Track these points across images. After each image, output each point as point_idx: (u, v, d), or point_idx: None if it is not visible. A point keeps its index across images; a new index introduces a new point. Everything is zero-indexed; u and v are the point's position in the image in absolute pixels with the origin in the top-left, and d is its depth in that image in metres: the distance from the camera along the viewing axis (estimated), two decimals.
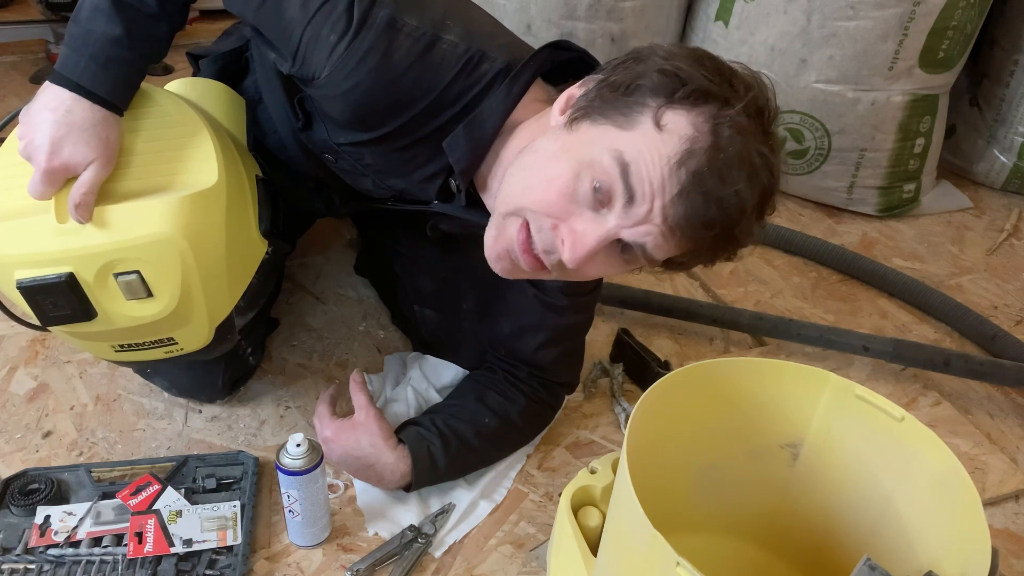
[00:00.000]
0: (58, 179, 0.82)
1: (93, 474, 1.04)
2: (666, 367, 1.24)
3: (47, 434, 1.13)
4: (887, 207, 1.78)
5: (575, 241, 0.77)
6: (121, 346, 0.92)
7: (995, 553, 0.65)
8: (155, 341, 0.92)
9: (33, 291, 0.83)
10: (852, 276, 1.57)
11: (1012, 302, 1.55)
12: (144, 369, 1.17)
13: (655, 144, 0.73)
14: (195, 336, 0.94)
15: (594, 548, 0.84)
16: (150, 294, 0.85)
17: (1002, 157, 1.87)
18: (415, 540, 0.99)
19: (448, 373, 1.22)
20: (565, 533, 0.87)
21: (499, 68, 0.86)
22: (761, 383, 0.85)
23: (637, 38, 1.66)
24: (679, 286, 1.54)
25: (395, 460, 1.00)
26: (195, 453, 1.09)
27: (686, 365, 0.82)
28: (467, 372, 1.20)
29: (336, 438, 1.01)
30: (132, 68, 0.86)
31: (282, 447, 0.92)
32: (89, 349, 0.97)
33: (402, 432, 1.03)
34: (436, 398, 1.19)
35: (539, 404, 1.12)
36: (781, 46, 1.63)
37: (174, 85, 1.06)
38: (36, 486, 1.01)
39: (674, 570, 0.61)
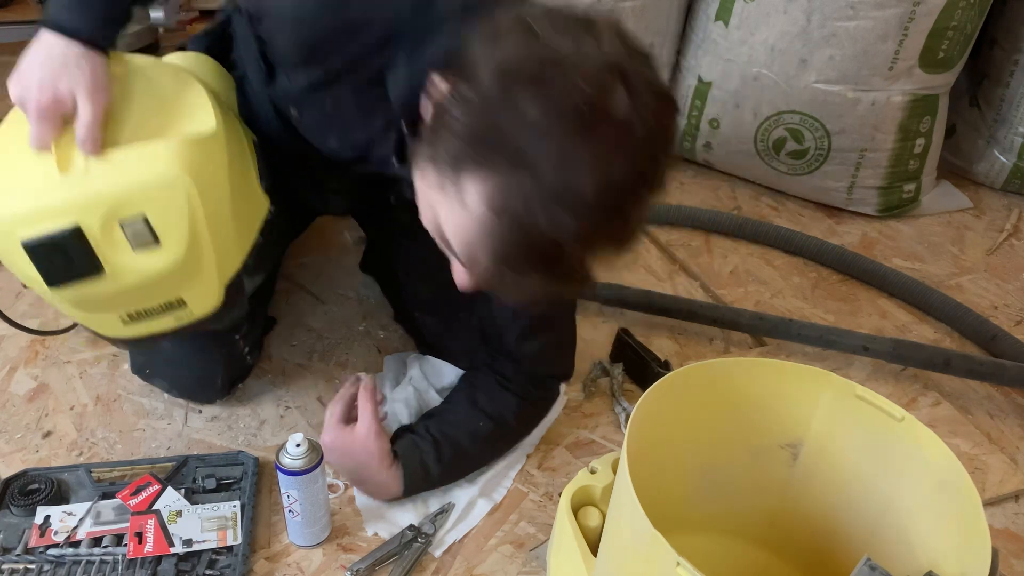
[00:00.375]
0: (52, 117, 0.79)
1: (93, 474, 1.04)
2: (666, 367, 1.24)
3: (47, 434, 1.13)
4: (887, 207, 1.78)
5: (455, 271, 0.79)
6: (130, 315, 0.87)
7: (995, 553, 0.65)
8: (165, 305, 0.88)
9: (40, 249, 0.79)
10: (852, 276, 1.57)
11: (1012, 302, 1.55)
12: (144, 370, 1.17)
13: (460, 217, 0.70)
14: (205, 295, 0.90)
15: (594, 548, 0.84)
16: (157, 242, 0.82)
17: (1002, 157, 1.87)
18: (415, 540, 0.99)
19: (449, 373, 1.22)
20: (565, 533, 0.87)
21: (463, 3, 0.81)
22: (761, 383, 0.85)
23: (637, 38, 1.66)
24: (679, 286, 1.54)
25: (387, 479, 1.01)
26: (195, 453, 1.09)
27: (686, 365, 0.82)
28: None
29: (334, 445, 1.01)
30: (111, 5, 0.86)
31: (282, 447, 0.92)
32: (98, 325, 0.91)
33: (397, 442, 1.02)
34: (436, 398, 1.19)
35: (532, 403, 1.12)
36: (781, 46, 1.63)
37: (165, 59, 1.04)
38: (36, 486, 1.01)
39: (674, 570, 0.61)
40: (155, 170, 0.80)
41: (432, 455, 1.02)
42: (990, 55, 1.86)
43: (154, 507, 0.98)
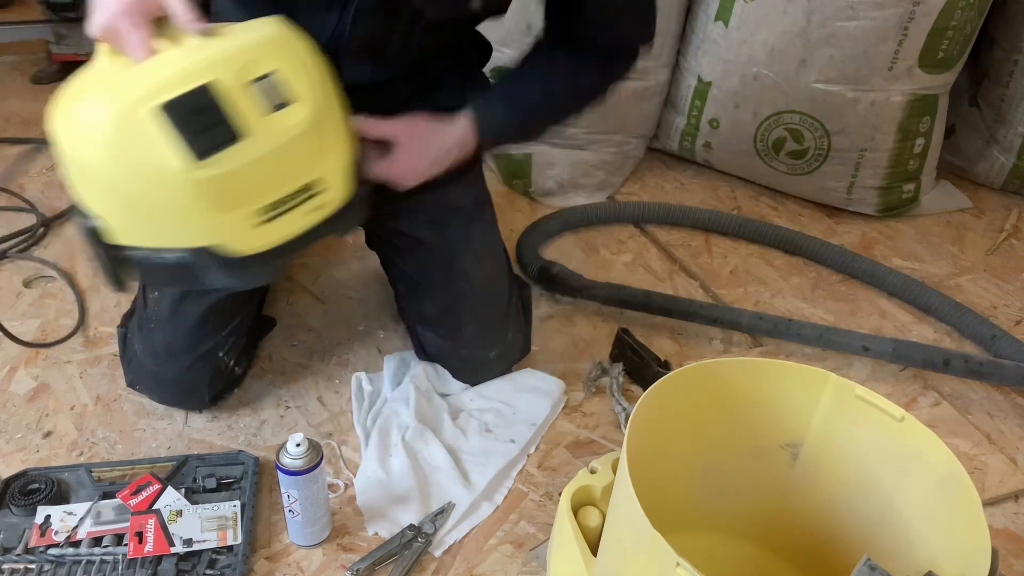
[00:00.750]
0: (144, 17, 0.76)
1: (93, 474, 1.04)
2: (666, 367, 1.24)
3: (47, 434, 1.13)
4: (887, 207, 1.78)
5: None
6: (266, 208, 0.79)
7: (995, 553, 0.65)
8: (302, 190, 0.81)
9: (179, 112, 0.73)
10: (852, 276, 1.57)
11: (1012, 302, 1.55)
12: (134, 385, 1.17)
13: None
14: (338, 174, 0.86)
15: (594, 548, 0.84)
16: (290, 99, 0.78)
17: (1002, 157, 1.87)
18: (415, 540, 0.99)
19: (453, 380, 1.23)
20: (565, 533, 0.87)
21: None
22: (761, 383, 0.85)
23: None
24: (679, 286, 1.54)
25: (459, 130, 1.01)
26: (195, 453, 1.09)
27: (686, 365, 0.82)
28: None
29: (400, 129, 0.98)
30: None
31: (282, 447, 0.92)
32: (228, 236, 0.80)
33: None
34: (440, 401, 1.19)
35: (610, 60, 1.10)
36: (781, 46, 1.63)
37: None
38: (36, 486, 1.01)
39: (674, 570, 0.61)
40: (273, 29, 0.79)
41: (500, 106, 1.03)
42: (990, 55, 1.86)
43: (154, 507, 0.98)
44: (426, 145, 1.00)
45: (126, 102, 0.73)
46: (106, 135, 0.73)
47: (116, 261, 0.82)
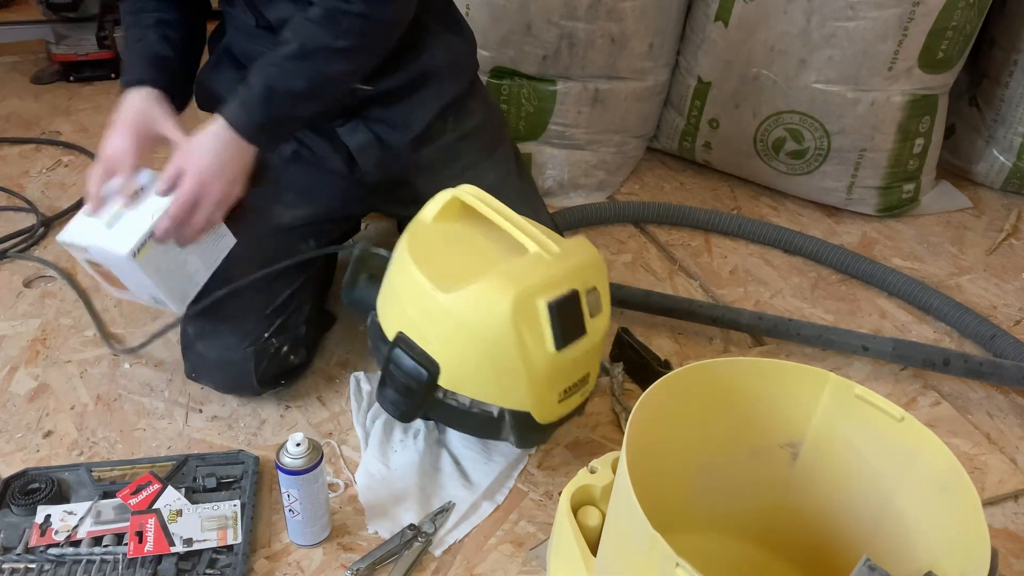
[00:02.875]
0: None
1: (93, 473, 1.04)
2: (666, 367, 1.24)
3: (47, 434, 1.13)
4: (886, 207, 1.78)
5: None
6: (565, 391, 0.99)
7: (995, 553, 0.65)
8: (582, 379, 1.01)
9: (560, 309, 0.93)
10: (852, 276, 1.57)
11: (1011, 302, 1.55)
12: (191, 374, 1.18)
13: None
14: (594, 372, 1.04)
15: (594, 548, 0.84)
16: (599, 310, 0.99)
17: (1001, 157, 1.87)
18: (415, 539, 0.99)
19: None
20: (565, 533, 0.87)
21: None
22: (761, 383, 0.85)
23: (637, 38, 1.66)
24: (679, 286, 1.54)
25: (216, 128, 1.03)
26: (195, 452, 1.09)
27: (686, 365, 0.82)
28: None
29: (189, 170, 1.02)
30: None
31: (282, 446, 0.92)
32: (543, 402, 0.98)
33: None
34: None
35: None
36: (781, 46, 1.63)
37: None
38: (36, 485, 1.01)
39: (674, 570, 0.61)
40: (595, 252, 1.01)
41: (245, 89, 1.03)
42: (989, 55, 1.86)
43: (154, 506, 0.98)
44: (196, 151, 1.02)
45: (524, 292, 0.91)
46: (504, 312, 0.90)
47: (429, 400, 0.97)
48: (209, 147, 1.03)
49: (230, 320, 1.13)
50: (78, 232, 1.01)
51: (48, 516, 0.97)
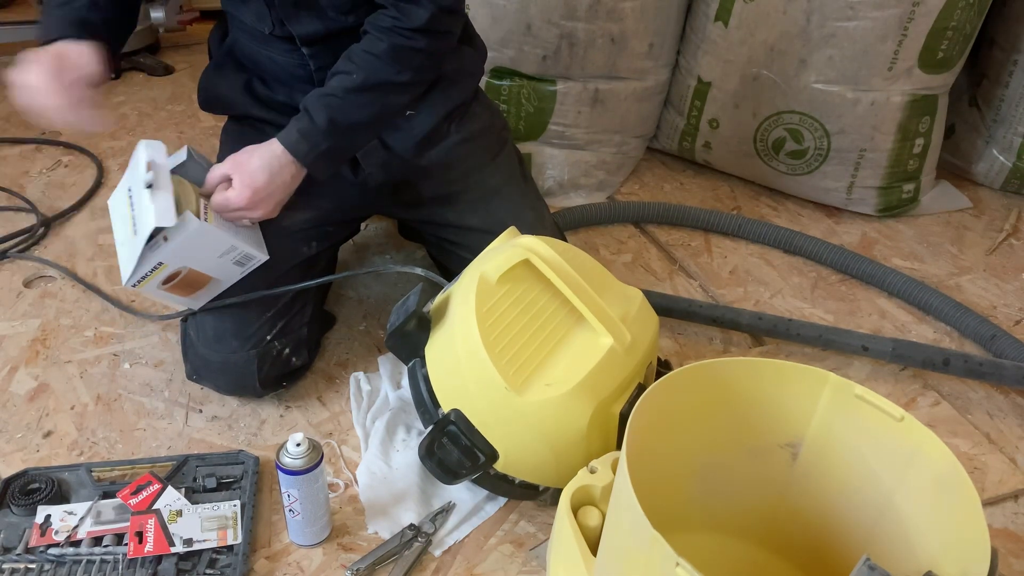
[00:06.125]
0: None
1: (93, 474, 1.04)
2: (666, 367, 1.24)
3: (48, 434, 1.13)
4: (886, 207, 1.78)
5: None
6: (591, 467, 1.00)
7: (995, 553, 0.65)
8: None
9: (629, 409, 0.93)
10: (851, 276, 1.57)
11: (1011, 302, 1.55)
12: (192, 376, 1.18)
13: None
14: None
15: (594, 548, 0.84)
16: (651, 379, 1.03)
17: (1001, 157, 1.87)
18: (415, 539, 0.99)
19: None
20: (565, 533, 0.87)
21: None
22: (761, 383, 0.85)
23: (637, 38, 1.66)
24: (679, 286, 1.54)
25: (272, 149, 1.05)
26: (195, 453, 1.09)
27: (686, 365, 0.82)
28: None
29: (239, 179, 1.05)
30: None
31: (282, 446, 0.92)
32: (568, 480, 0.97)
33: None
34: None
35: (403, 35, 1.05)
36: (781, 46, 1.63)
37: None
38: (36, 486, 1.01)
39: (674, 570, 0.61)
40: (654, 322, 1.07)
41: (306, 119, 1.05)
42: (989, 55, 1.86)
43: (154, 506, 0.98)
44: (250, 166, 1.05)
45: (602, 404, 0.95)
46: (582, 428, 0.94)
47: (485, 476, 0.98)
48: (264, 166, 1.05)
49: (232, 323, 1.13)
50: (139, 246, 1.00)
51: (48, 516, 0.97)
